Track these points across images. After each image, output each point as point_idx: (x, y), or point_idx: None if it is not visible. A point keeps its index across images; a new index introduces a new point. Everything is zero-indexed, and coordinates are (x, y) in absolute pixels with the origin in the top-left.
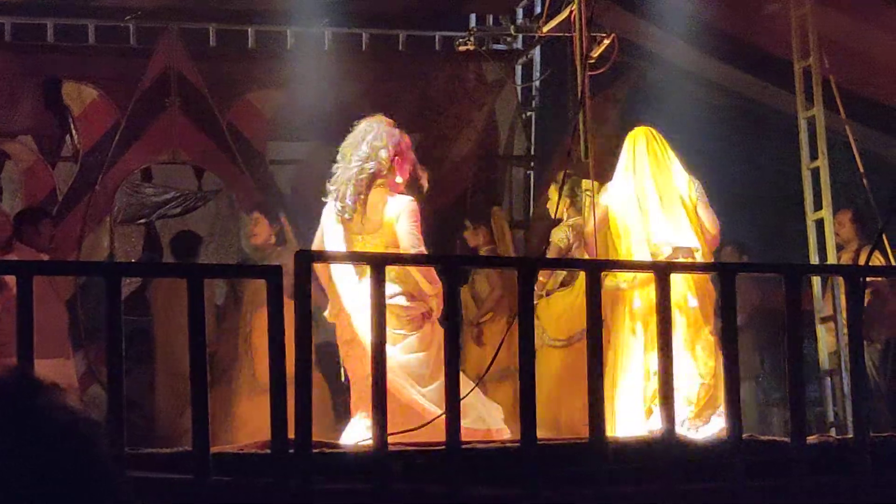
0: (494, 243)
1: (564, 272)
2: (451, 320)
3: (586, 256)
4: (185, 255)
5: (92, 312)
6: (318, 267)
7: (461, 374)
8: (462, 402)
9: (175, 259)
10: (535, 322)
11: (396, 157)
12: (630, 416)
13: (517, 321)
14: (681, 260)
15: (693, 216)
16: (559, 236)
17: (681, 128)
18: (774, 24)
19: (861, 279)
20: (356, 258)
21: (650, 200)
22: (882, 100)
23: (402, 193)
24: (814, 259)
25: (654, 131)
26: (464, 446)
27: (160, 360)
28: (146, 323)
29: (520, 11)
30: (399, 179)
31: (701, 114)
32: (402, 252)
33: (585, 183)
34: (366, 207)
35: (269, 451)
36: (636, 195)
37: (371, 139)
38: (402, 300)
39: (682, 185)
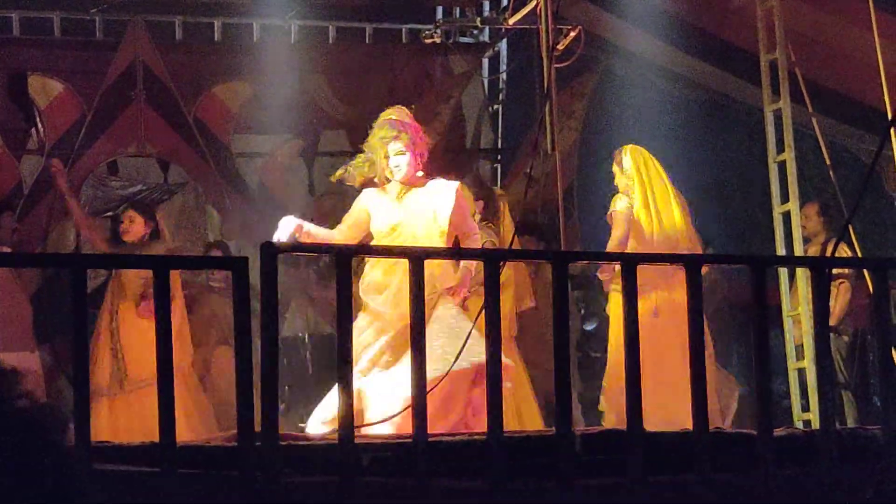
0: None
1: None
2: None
3: None
4: None
5: (58, 305)
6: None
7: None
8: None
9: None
10: None
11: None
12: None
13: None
14: None
15: (685, 239)
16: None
17: (647, 121)
18: (741, 17)
19: (827, 271)
20: (325, 250)
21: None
22: (848, 93)
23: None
24: (780, 252)
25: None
26: (431, 439)
27: None
28: None
29: (486, 4)
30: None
31: (667, 107)
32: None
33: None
34: None
35: (235, 443)
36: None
37: None
38: None
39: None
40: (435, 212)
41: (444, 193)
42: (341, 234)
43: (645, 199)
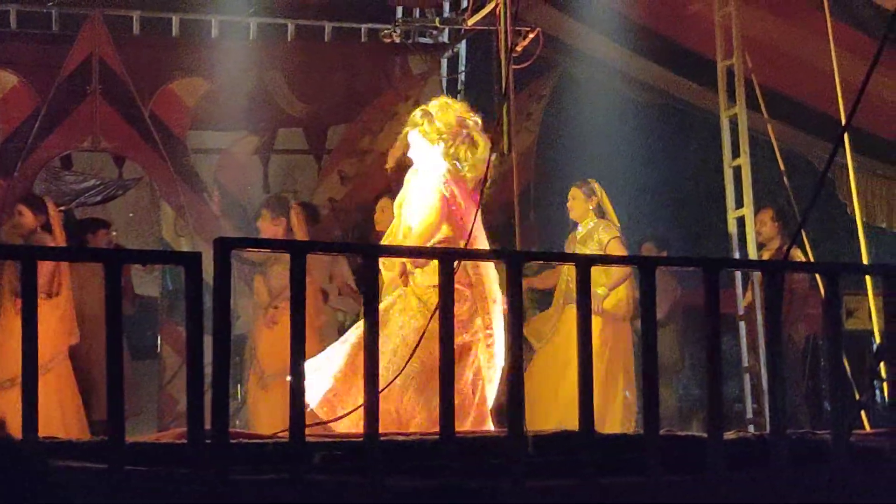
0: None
1: None
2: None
3: None
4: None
5: None
6: None
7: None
8: None
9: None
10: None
11: None
12: None
13: (438, 316)
14: None
15: None
16: None
17: (605, 124)
18: (699, 23)
19: (779, 275)
20: (278, 245)
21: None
22: (804, 100)
23: None
24: (735, 256)
25: None
26: (383, 437)
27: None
28: None
29: (446, 5)
30: None
31: (625, 111)
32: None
33: None
34: None
35: (185, 441)
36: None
37: None
38: None
39: None
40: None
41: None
42: None
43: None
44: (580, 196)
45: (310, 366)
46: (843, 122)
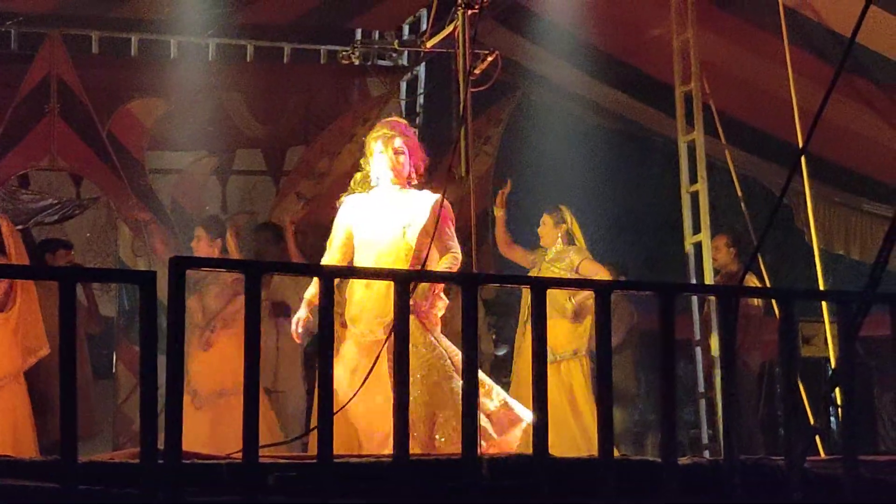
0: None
1: None
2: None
3: None
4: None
5: None
6: None
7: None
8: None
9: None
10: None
11: None
12: None
13: (394, 335)
14: None
15: None
16: None
17: (563, 149)
18: (657, 49)
19: (734, 300)
20: (233, 265)
21: None
22: (762, 126)
23: None
24: (692, 282)
25: None
26: (337, 460)
27: None
28: None
29: (406, 28)
30: None
31: (583, 135)
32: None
33: None
34: None
35: (138, 460)
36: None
37: None
38: None
39: None
40: (404, 227)
41: (420, 206)
42: (333, 262)
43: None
44: (549, 222)
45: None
46: (801, 147)
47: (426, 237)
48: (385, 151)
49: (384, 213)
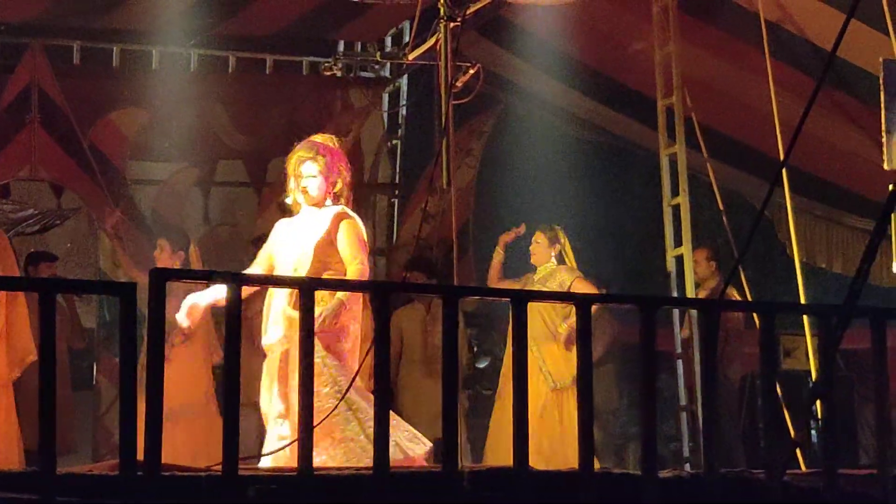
0: None
1: None
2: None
3: None
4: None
5: None
6: None
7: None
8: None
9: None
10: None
11: None
12: None
13: (373, 348)
14: None
15: None
16: None
17: (546, 162)
18: (640, 62)
19: (715, 313)
20: (215, 278)
21: None
22: (743, 139)
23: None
24: (674, 295)
25: None
26: (317, 472)
27: None
28: None
29: (388, 40)
30: None
31: (566, 148)
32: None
33: None
34: None
35: (117, 472)
36: None
37: None
38: None
39: None
40: (304, 248)
41: (323, 219)
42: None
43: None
44: (544, 241)
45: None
46: (782, 160)
47: (329, 246)
48: (296, 175)
49: (295, 236)
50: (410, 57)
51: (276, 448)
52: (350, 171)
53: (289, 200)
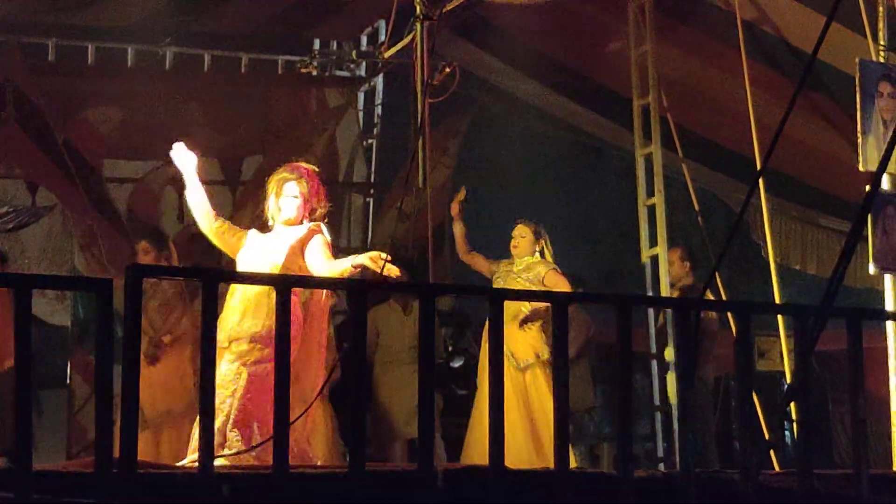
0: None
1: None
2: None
3: None
4: None
5: None
6: None
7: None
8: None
9: None
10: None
11: None
12: None
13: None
14: None
15: None
16: None
17: (521, 161)
18: (616, 62)
19: (691, 314)
20: (192, 274)
21: None
22: (719, 140)
23: None
24: (648, 294)
25: None
26: (292, 470)
27: None
28: None
29: (364, 39)
30: None
31: (541, 147)
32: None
33: None
34: None
35: (92, 470)
36: None
37: None
38: None
39: None
40: (279, 250)
41: (297, 232)
42: (220, 224)
43: None
44: (529, 235)
45: None
46: (759, 163)
47: (297, 255)
48: (278, 194)
49: (264, 250)
50: (386, 55)
51: (261, 441)
52: (326, 204)
53: (254, 231)
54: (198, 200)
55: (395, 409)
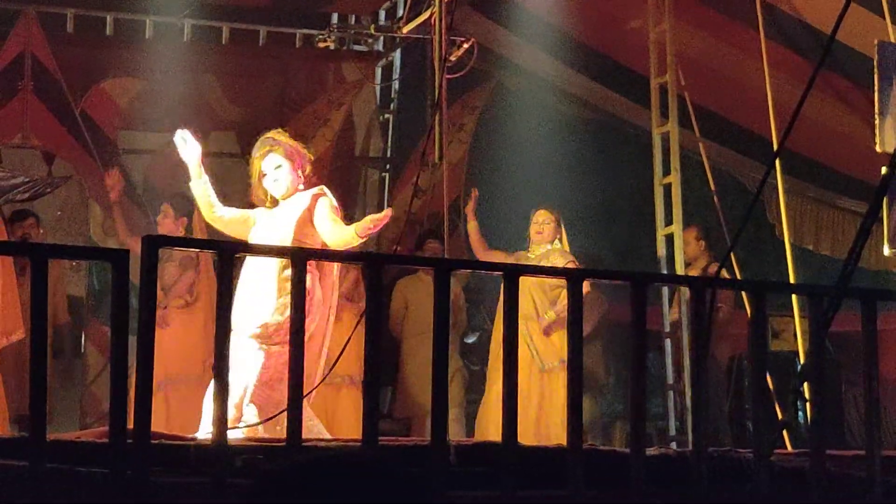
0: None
1: None
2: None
3: None
4: None
5: None
6: None
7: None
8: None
9: None
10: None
11: None
12: None
13: (365, 322)
14: None
15: None
16: None
17: (538, 138)
18: (634, 40)
19: (706, 292)
20: (208, 245)
21: None
22: (736, 120)
23: None
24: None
25: None
26: (305, 443)
27: None
28: None
29: (382, 13)
30: None
31: (558, 125)
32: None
33: None
34: None
35: (106, 440)
36: None
37: None
38: None
39: None
40: (287, 224)
41: (302, 200)
42: (223, 215)
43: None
44: (553, 222)
45: None
46: (775, 143)
47: (307, 225)
48: (261, 175)
49: (275, 224)
50: (404, 30)
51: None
52: (306, 157)
53: (262, 208)
54: (201, 192)
55: (426, 382)
